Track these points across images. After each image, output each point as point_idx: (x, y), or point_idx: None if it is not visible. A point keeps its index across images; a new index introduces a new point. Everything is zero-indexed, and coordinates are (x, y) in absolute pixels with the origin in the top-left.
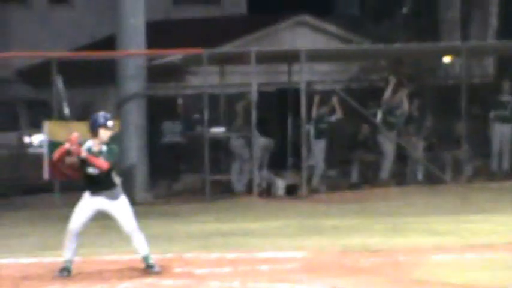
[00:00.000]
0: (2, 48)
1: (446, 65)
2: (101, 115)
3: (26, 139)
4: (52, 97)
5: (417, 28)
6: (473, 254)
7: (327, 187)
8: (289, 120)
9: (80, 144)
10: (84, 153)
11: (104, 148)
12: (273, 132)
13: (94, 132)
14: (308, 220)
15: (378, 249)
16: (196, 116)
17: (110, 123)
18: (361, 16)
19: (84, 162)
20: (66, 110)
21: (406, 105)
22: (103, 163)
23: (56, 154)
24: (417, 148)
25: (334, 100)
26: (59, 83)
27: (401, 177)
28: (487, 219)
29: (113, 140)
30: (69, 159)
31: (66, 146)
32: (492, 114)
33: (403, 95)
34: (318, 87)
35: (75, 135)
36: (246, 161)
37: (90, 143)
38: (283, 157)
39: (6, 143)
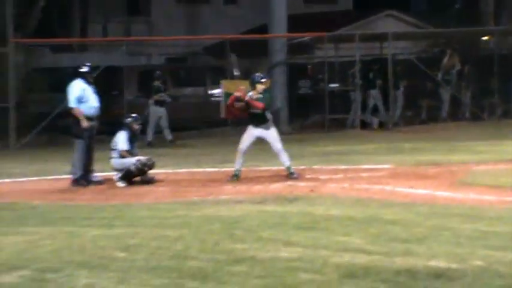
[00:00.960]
0: (194, 33)
1: (485, 42)
2: (257, 75)
3: (210, 91)
4: (226, 65)
5: (465, 17)
6: (503, 166)
7: (405, 123)
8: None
9: (245, 93)
10: (247, 98)
11: (261, 96)
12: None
13: (253, 86)
14: (393, 144)
15: (439, 163)
16: (320, 76)
17: (263, 80)
18: (427, 9)
19: (248, 105)
20: (236, 72)
21: (458, 65)
22: (260, 104)
23: (230, 100)
24: (466, 96)
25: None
26: (231, 56)
27: (455, 116)
28: None
29: (266, 92)
30: (238, 104)
31: (237, 94)
32: None
33: (456, 60)
34: (400, 57)
35: (242, 87)
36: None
37: (251, 93)
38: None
39: (198, 94)
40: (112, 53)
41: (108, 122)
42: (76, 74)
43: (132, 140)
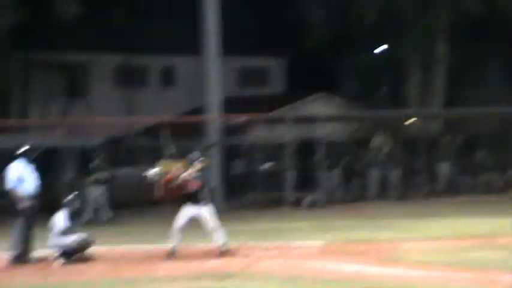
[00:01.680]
0: (133, 114)
1: (411, 124)
2: (195, 154)
3: (148, 171)
4: (163, 145)
5: (391, 100)
6: (429, 243)
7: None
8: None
9: (180, 174)
10: (183, 177)
11: (199, 174)
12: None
13: (192, 165)
14: (324, 222)
15: (368, 240)
16: (254, 156)
17: (201, 159)
18: (357, 92)
19: (182, 185)
20: (171, 150)
21: (387, 147)
22: (196, 184)
23: (166, 180)
24: (394, 176)
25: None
26: (165, 136)
27: (383, 194)
28: (437, 221)
29: (203, 170)
30: (173, 183)
31: (170, 175)
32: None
33: (384, 141)
34: (330, 138)
35: (179, 168)
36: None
37: (190, 171)
38: (309, 182)
39: (136, 174)
40: (52, 134)
41: (46, 201)
42: (16, 155)
43: (72, 218)
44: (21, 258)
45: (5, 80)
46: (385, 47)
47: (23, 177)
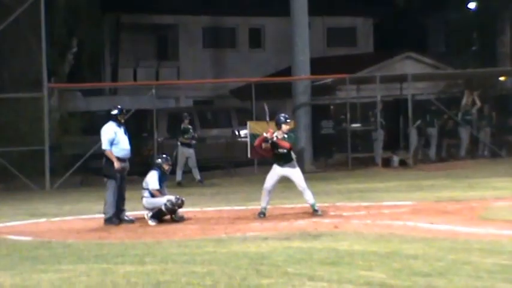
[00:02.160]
0: (221, 76)
1: (502, 82)
2: (282, 116)
3: (236, 132)
4: (252, 106)
5: (482, 58)
6: None
7: (424, 160)
8: (401, 118)
9: (273, 134)
10: (275, 138)
11: (286, 136)
12: (391, 126)
13: (279, 126)
14: (413, 181)
15: (458, 199)
16: (342, 116)
17: (288, 120)
18: (446, 51)
19: (274, 145)
20: (267, 119)
21: (478, 103)
22: (286, 144)
23: (257, 141)
24: (485, 135)
25: (475, 96)
26: (264, 105)
27: (474, 154)
28: None
29: (291, 132)
30: (264, 145)
31: (266, 134)
32: None
33: (475, 97)
34: (419, 97)
35: (271, 129)
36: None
37: (277, 133)
38: (396, 142)
39: (225, 135)
40: (142, 96)
41: (138, 163)
42: (108, 117)
43: (162, 179)
44: (114, 219)
45: (97, 43)
46: (475, 3)
47: (115, 138)
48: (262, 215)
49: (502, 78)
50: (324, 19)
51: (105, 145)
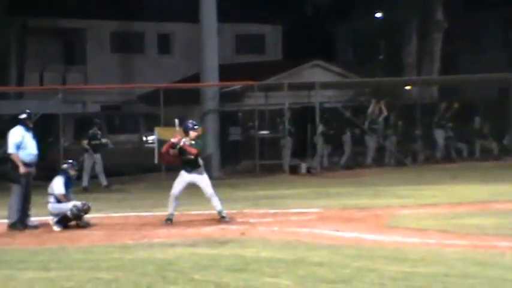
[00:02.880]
0: (129, 81)
1: (408, 91)
2: (190, 122)
3: (144, 138)
4: (160, 112)
5: (389, 67)
6: (425, 209)
7: (330, 168)
8: (309, 126)
9: (180, 140)
10: (181, 143)
11: (193, 142)
12: (298, 133)
13: (186, 132)
14: (320, 188)
15: (364, 207)
16: (251, 123)
17: (196, 127)
18: (353, 60)
19: (181, 151)
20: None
21: (385, 112)
22: (193, 150)
23: (165, 146)
24: (391, 143)
25: (382, 105)
26: (175, 121)
27: (379, 162)
28: (433, 188)
29: (199, 138)
30: (172, 151)
31: (173, 140)
32: (435, 122)
33: (381, 106)
34: (327, 105)
35: (178, 135)
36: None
37: (184, 139)
38: (304, 149)
39: (132, 140)
40: (48, 100)
41: (44, 168)
42: (15, 121)
43: (68, 185)
44: (18, 224)
45: (3, 46)
46: (381, 13)
47: (22, 143)
48: (169, 221)
49: (408, 88)
50: (233, 26)
51: (11, 149)
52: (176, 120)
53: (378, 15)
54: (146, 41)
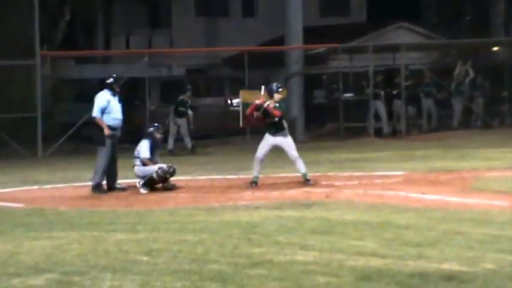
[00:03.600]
0: (214, 45)
1: (495, 52)
2: (274, 85)
3: (228, 101)
4: (244, 75)
5: (475, 28)
6: None
7: (417, 130)
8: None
9: (264, 101)
10: (266, 105)
11: (277, 105)
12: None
13: (270, 95)
14: (406, 151)
15: (450, 169)
16: (334, 86)
17: (280, 89)
18: (439, 21)
19: (265, 113)
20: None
21: (471, 74)
22: (277, 112)
23: (250, 109)
24: (478, 105)
25: (468, 67)
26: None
27: (466, 124)
28: None
29: (283, 101)
30: (256, 113)
31: (257, 101)
32: None
33: (468, 68)
34: (412, 67)
35: (262, 97)
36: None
37: (268, 102)
38: (389, 111)
39: (217, 104)
40: (135, 64)
41: (131, 131)
42: (102, 85)
43: (153, 148)
44: (101, 186)
45: (89, 11)
46: None
47: (107, 107)
48: (254, 184)
49: (495, 49)
50: None
51: (95, 112)
52: (262, 87)
53: None
54: (230, 4)
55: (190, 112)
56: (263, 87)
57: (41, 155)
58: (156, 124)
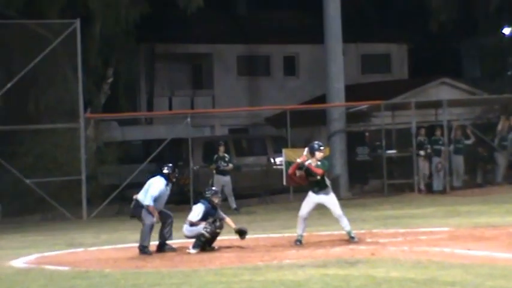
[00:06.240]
0: (256, 104)
1: None
2: (316, 143)
3: (271, 160)
4: (287, 134)
5: None
6: None
7: (461, 186)
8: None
9: (306, 160)
10: (307, 164)
11: (319, 163)
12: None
13: (312, 153)
14: (450, 207)
15: (496, 225)
16: (378, 143)
17: (321, 148)
18: (481, 76)
19: (307, 172)
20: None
21: None
22: (319, 171)
23: (292, 168)
24: None
25: (468, 130)
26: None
27: (510, 179)
28: None
29: (325, 159)
30: (299, 172)
31: (299, 160)
32: None
33: (511, 122)
34: (454, 123)
35: (304, 156)
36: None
37: (310, 160)
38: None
39: (260, 163)
40: (177, 125)
41: (175, 192)
42: (160, 173)
43: (209, 213)
44: (147, 249)
45: (132, 73)
46: (510, 29)
47: (160, 196)
48: (298, 242)
49: None
50: (358, 46)
51: (148, 201)
52: (306, 149)
53: (506, 31)
54: (272, 63)
55: (231, 165)
56: (307, 148)
57: (86, 218)
58: (213, 188)
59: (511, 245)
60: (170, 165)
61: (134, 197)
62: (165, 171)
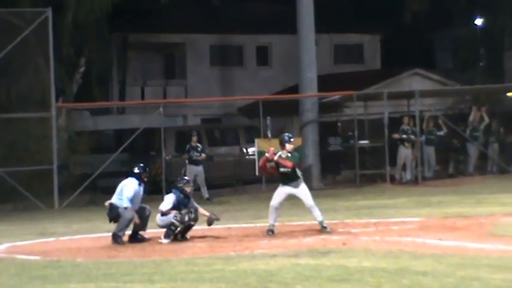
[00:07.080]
0: (228, 94)
1: (509, 97)
2: (286, 135)
3: (244, 150)
4: (259, 124)
5: (490, 74)
6: None
7: (433, 177)
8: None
9: (275, 153)
10: (276, 158)
11: (289, 155)
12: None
13: (282, 145)
14: (422, 197)
15: (467, 215)
16: (350, 133)
17: (291, 139)
18: (453, 67)
19: (277, 165)
20: (270, 135)
21: (486, 119)
22: (289, 163)
23: (261, 162)
24: (494, 150)
25: (441, 121)
26: (267, 119)
27: (482, 169)
28: None
29: (296, 150)
30: (269, 164)
31: (267, 155)
32: None
33: (483, 113)
34: (426, 114)
35: (271, 149)
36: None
37: (280, 152)
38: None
39: (233, 153)
40: (150, 114)
41: (147, 182)
42: (130, 174)
43: (181, 203)
44: (120, 238)
45: (104, 62)
46: (482, 19)
47: (135, 196)
48: (270, 232)
49: (509, 94)
50: (331, 36)
51: (126, 203)
52: (268, 120)
53: (478, 22)
54: (244, 53)
55: (203, 155)
56: (268, 119)
57: (58, 207)
58: (185, 178)
59: (481, 235)
60: (141, 165)
61: (107, 203)
62: (136, 171)
